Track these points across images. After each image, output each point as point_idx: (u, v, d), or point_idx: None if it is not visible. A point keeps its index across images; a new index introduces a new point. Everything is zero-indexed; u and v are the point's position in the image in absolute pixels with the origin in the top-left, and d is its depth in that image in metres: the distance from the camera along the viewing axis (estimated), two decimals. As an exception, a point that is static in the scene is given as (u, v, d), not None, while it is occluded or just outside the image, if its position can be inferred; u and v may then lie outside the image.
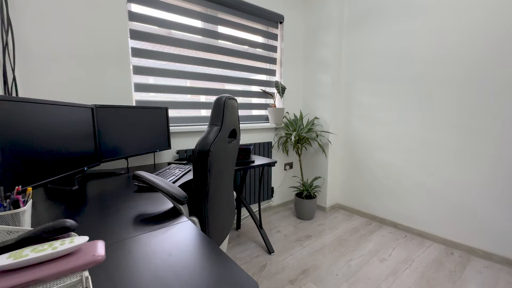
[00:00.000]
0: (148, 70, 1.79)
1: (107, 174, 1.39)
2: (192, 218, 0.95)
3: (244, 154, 1.80)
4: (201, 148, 0.90)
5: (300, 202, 2.41)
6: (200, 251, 0.61)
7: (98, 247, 0.42)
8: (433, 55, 1.94)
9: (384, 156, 2.32)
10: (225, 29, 2.20)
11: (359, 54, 2.43)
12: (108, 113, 1.34)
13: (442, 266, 1.70)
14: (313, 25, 2.61)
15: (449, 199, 1.94)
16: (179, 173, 1.33)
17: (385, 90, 2.26)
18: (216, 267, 0.55)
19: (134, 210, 0.88)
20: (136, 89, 1.74)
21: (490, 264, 1.72)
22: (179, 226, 0.76)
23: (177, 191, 0.87)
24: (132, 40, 1.68)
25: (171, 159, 1.93)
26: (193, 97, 2.17)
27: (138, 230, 0.73)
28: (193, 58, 2.01)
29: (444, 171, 1.95)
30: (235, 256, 1.83)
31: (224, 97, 1.01)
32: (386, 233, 2.18)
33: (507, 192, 1.67)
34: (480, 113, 1.75)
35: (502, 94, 1.65)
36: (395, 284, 1.53)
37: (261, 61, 2.46)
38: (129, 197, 1.03)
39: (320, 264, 1.73)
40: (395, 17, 2.13)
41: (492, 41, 1.67)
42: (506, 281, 1.55)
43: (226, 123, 1.01)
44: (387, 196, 2.32)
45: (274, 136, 2.61)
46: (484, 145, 1.75)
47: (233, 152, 1.18)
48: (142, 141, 1.55)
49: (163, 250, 0.61)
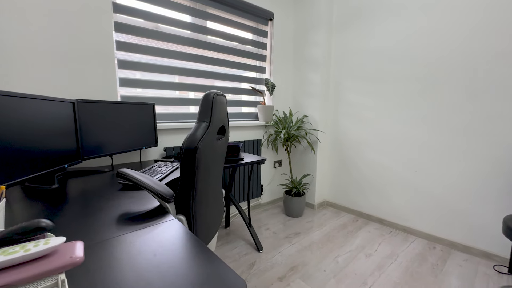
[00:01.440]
0: (134, 65, 1.73)
1: (90, 172, 1.33)
2: (179, 216, 0.93)
3: (233, 151, 1.78)
4: (188, 145, 0.88)
5: (289, 199, 2.42)
6: (187, 250, 0.59)
7: (76, 248, 0.40)
8: (418, 55, 1.99)
9: (371, 154, 2.36)
10: (214, 25, 2.16)
11: (347, 54, 2.46)
12: (90, 109, 1.29)
13: (425, 260, 1.76)
14: (302, 24, 2.62)
15: (432, 195, 2.00)
16: (166, 171, 1.30)
17: (372, 89, 2.30)
18: (204, 266, 0.53)
19: (118, 209, 0.85)
20: (121, 84, 1.68)
21: (469, 257, 1.80)
22: (165, 225, 0.73)
23: (164, 189, 0.84)
24: (116, 33, 1.62)
25: (158, 157, 1.89)
26: (181, 93, 2.12)
27: (122, 229, 0.70)
28: (182, 53, 1.96)
29: (427, 168, 2.01)
30: (224, 254, 1.82)
31: (213, 93, 0.99)
32: (372, 229, 2.24)
33: (485, 188, 1.75)
34: (460, 112, 1.81)
35: (481, 93, 1.72)
36: (380, 279, 1.56)
37: (251, 58, 2.44)
38: (113, 196, 0.99)
39: (309, 261, 1.74)
40: (382, 18, 2.17)
41: (475, 43, 1.73)
42: (483, 273, 1.63)
43: (215, 120, 0.99)
44: (374, 193, 2.37)
45: (263, 134, 2.60)
46: (464, 144, 1.82)
47: (221, 149, 1.16)
48: (128, 138, 1.50)
49: (148, 249, 0.59)
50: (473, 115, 1.77)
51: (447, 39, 1.84)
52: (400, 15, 2.07)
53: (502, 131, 1.66)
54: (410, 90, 2.06)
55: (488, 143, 1.72)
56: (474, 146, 1.77)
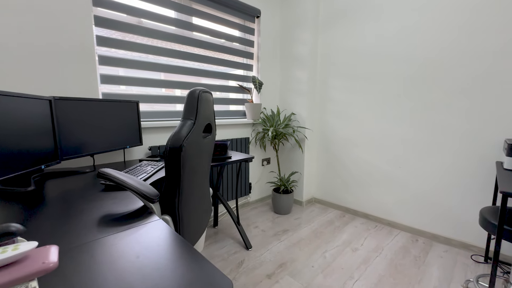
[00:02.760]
0: (116, 61, 1.67)
1: (70, 173, 1.27)
2: (165, 217, 0.91)
3: (221, 149, 1.76)
4: (173, 143, 0.85)
5: (278, 197, 2.44)
6: (172, 251, 0.57)
7: (50, 253, 0.37)
8: (400, 55, 2.04)
9: (357, 151, 2.41)
10: (200, 21, 2.12)
11: (333, 52, 2.49)
12: (69, 106, 1.23)
13: (408, 253, 1.82)
14: (289, 21, 2.62)
15: (415, 190, 2.07)
16: (151, 170, 1.27)
17: (357, 87, 2.34)
18: (189, 267, 0.52)
19: (100, 211, 0.82)
20: (103, 81, 1.62)
21: (449, 249, 1.88)
22: (149, 225, 0.71)
23: (148, 188, 0.82)
24: (97, 28, 1.55)
25: (143, 156, 1.84)
26: (167, 91, 2.07)
27: (104, 231, 0.67)
28: (167, 50, 1.91)
29: (410, 164, 2.08)
30: (212, 253, 1.80)
31: (198, 90, 0.97)
32: (359, 224, 2.29)
33: (464, 182, 1.83)
34: (440, 110, 1.88)
35: (460, 93, 1.79)
36: (366, 272, 1.60)
37: (238, 55, 2.42)
38: (95, 197, 0.95)
39: (297, 257, 1.76)
40: (366, 18, 2.21)
41: (455, 43, 1.79)
42: (462, 263, 1.70)
43: (201, 117, 0.97)
44: (360, 189, 2.43)
45: (251, 132, 2.60)
46: (444, 140, 1.89)
47: (208, 147, 1.14)
48: (110, 137, 1.44)
49: (131, 251, 0.57)
50: (452, 113, 1.84)
51: (429, 39, 1.90)
52: (383, 16, 2.11)
53: (479, 129, 1.74)
54: (393, 89, 2.12)
55: (466, 140, 1.79)
56: (453, 142, 1.85)
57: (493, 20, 1.63)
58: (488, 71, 1.67)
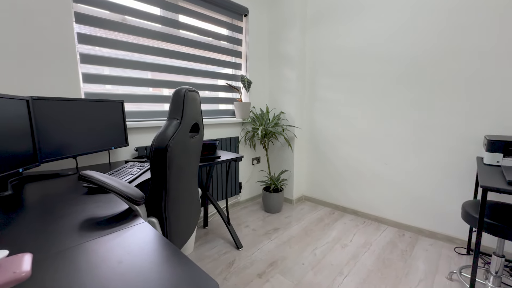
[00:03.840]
0: (100, 60, 1.61)
1: (50, 176, 1.22)
2: (151, 219, 0.88)
3: (210, 149, 1.74)
4: (158, 144, 0.83)
5: (268, 196, 2.44)
6: (157, 255, 0.56)
7: (22, 262, 0.35)
8: (387, 54, 2.08)
9: (345, 149, 2.45)
10: (187, 19, 2.08)
11: (321, 51, 2.51)
12: (48, 107, 1.18)
13: (395, 247, 1.87)
14: (277, 20, 2.62)
15: (401, 186, 2.12)
16: (137, 172, 1.23)
17: (345, 86, 2.37)
18: (174, 270, 0.50)
19: (82, 215, 0.79)
20: (86, 80, 1.56)
21: (434, 242, 1.94)
22: (134, 229, 0.69)
23: (132, 190, 0.80)
24: (77, 25, 1.49)
25: (130, 157, 1.79)
26: (155, 90, 2.03)
27: (85, 236, 0.65)
28: (153, 48, 1.87)
29: (396, 161, 2.13)
30: (203, 254, 1.78)
31: (184, 89, 0.95)
32: (348, 220, 2.32)
33: (447, 177, 1.89)
34: (425, 107, 1.94)
35: (443, 91, 1.85)
36: (355, 268, 1.63)
37: (226, 54, 2.40)
38: (77, 200, 0.91)
39: (287, 255, 1.77)
40: (353, 17, 2.24)
41: (438, 43, 1.84)
42: (446, 255, 1.76)
43: (187, 117, 0.95)
44: (348, 186, 2.47)
45: (241, 131, 2.58)
46: (428, 137, 1.94)
47: (196, 147, 1.12)
48: (94, 138, 1.40)
49: (113, 257, 0.55)
50: (436, 111, 1.90)
51: (414, 39, 1.94)
52: (369, 16, 2.15)
53: (461, 125, 1.80)
54: (380, 87, 2.16)
55: (449, 137, 1.85)
56: (437, 139, 1.91)
57: (475, 21, 1.68)
58: (469, 71, 1.73)
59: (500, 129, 1.66)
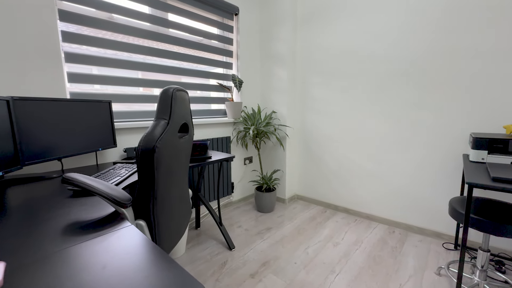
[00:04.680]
0: (86, 59, 1.57)
1: (34, 179, 1.18)
2: (139, 222, 0.86)
3: (201, 150, 1.72)
4: (145, 145, 0.81)
5: (260, 195, 2.43)
6: (142, 259, 0.54)
7: (-6, 271, 0.33)
8: (377, 53, 2.11)
9: (336, 147, 2.47)
10: (176, 18, 2.05)
11: (312, 50, 2.52)
12: (30, 107, 1.13)
13: (386, 244, 1.90)
14: (268, 19, 2.62)
15: (391, 184, 2.16)
16: (125, 173, 1.21)
17: (336, 85, 2.39)
18: (160, 274, 0.49)
19: (66, 219, 0.76)
20: (71, 80, 1.52)
21: (423, 238, 1.98)
22: (120, 232, 0.67)
23: (118, 193, 0.77)
24: (62, 23, 1.45)
25: (118, 158, 1.75)
26: (146, 90, 1.99)
27: (68, 241, 0.62)
28: (142, 47, 1.83)
29: (386, 159, 2.16)
30: (195, 255, 1.76)
31: (172, 88, 0.94)
32: (340, 218, 2.35)
33: (435, 175, 1.93)
34: (414, 106, 1.97)
35: (431, 89, 1.88)
36: (347, 265, 1.65)
37: (217, 53, 2.38)
38: (62, 204, 0.88)
39: (280, 255, 1.77)
40: (343, 17, 2.26)
41: (426, 44, 1.88)
42: (435, 251, 1.80)
43: (175, 117, 0.94)
44: (340, 185, 2.49)
45: (232, 131, 2.57)
46: (418, 135, 1.98)
47: (185, 148, 1.11)
48: (80, 139, 1.36)
49: (97, 262, 0.53)
50: (424, 109, 1.93)
51: (403, 39, 1.97)
52: (359, 15, 2.17)
53: (448, 124, 1.84)
54: (370, 86, 2.18)
55: (437, 135, 1.89)
56: (425, 137, 1.95)
57: (462, 22, 1.72)
58: (455, 70, 1.77)
59: (486, 127, 1.70)
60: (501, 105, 1.64)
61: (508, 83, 1.60)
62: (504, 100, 1.63)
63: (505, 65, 1.60)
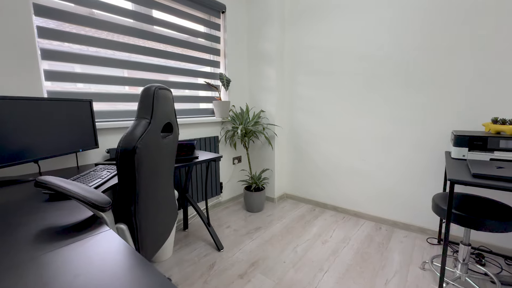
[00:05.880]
0: (65, 56, 1.50)
1: (7, 183, 1.12)
2: (120, 225, 0.83)
3: (187, 150, 1.69)
4: (125, 145, 0.78)
5: (249, 195, 2.42)
6: (120, 265, 0.52)
7: None
8: (364, 52, 2.14)
9: (324, 146, 2.49)
10: (161, 14, 2.00)
11: (300, 49, 2.53)
12: (3, 106, 1.07)
13: (373, 241, 1.93)
14: (255, 18, 2.60)
15: (378, 181, 2.20)
16: (107, 175, 1.16)
17: (324, 84, 2.41)
18: (137, 281, 0.47)
19: (40, 224, 0.72)
20: (48, 78, 1.45)
21: (408, 234, 2.03)
22: (97, 237, 0.64)
23: (97, 196, 0.74)
24: (38, 18, 1.38)
25: (101, 160, 1.69)
26: (132, 89, 1.93)
27: (40, 249, 0.59)
28: (126, 44, 1.77)
29: (373, 157, 2.20)
30: (182, 258, 1.73)
31: (154, 86, 0.90)
32: (328, 216, 2.37)
33: (419, 171, 1.98)
34: (399, 105, 2.01)
35: (416, 88, 1.93)
36: (335, 263, 1.66)
37: (204, 51, 2.34)
38: (36, 209, 0.84)
39: (269, 254, 1.76)
40: (331, 17, 2.27)
41: (410, 43, 1.92)
42: (419, 246, 1.85)
43: (158, 116, 0.91)
44: (328, 183, 2.51)
45: (220, 130, 2.54)
46: (403, 133, 2.02)
47: (170, 148, 1.08)
48: (58, 140, 1.30)
49: (69, 270, 0.50)
50: (409, 108, 1.97)
51: (387, 39, 2.01)
52: (345, 15, 2.19)
53: (431, 122, 1.89)
54: (357, 85, 2.21)
55: (421, 132, 1.94)
56: (410, 135, 1.99)
57: (442, 23, 1.77)
58: (438, 71, 1.82)
59: (467, 125, 1.76)
60: (481, 104, 1.70)
61: (487, 83, 1.66)
62: (483, 99, 1.68)
63: (484, 66, 1.65)
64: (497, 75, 1.62)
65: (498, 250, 1.73)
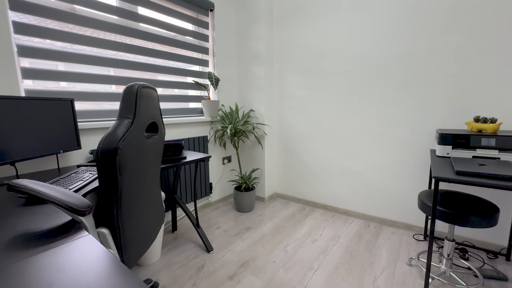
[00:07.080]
0: (46, 53, 1.43)
1: (-19, 186, 1.05)
2: (101, 230, 0.80)
3: (175, 150, 1.65)
4: (106, 145, 0.75)
5: (240, 195, 2.40)
6: (97, 272, 0.49)
7: None
8: (352, 53, 2.16)
9: (314, 145, 2.50)
10: (147, 11, 1.95)
11: (289, 48, 2.53)
12: (-25, 106, 1.01)
13: (362, 238, 1.95)
14: (244, 16, 2.58)
15: (366, 179, 2.23)
16: (89, 177, 1.12)
17: (313, 83, 2.42)
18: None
19: (13, 230, 0.68)
20: (26, 76, 1.38)
21: (395, 230, 2.06)
22: (75, 243, 0.61)
23: (75, 199, 0.70)
24: (13, 12, 1.31)
25: (84, 161, 1.63)
26: (119, 88, 1.88)
27: (11, 257, 0.55)
28: (111, 42, 1.71)
29: (361, 155, 2.23)
30: (171, 260, 1.69)
31: (137, 85, 0.87)
32: (318, 215, 2.38)
33: (406, 170, 2.02)
34: (386, 104, 2.04)
35: (402, 88, 1.96)
36: (325, 261, 1.67)
37: (192, 50, 2.30)
38: (9, 214, 0.79)
39: (259, 254, 1.75)
40: (320, 17, 2.28)
41: (396, 44, 1.95)
42: (406, 242, 1.88)
43: (141, 115, 0.88)
44: (318, 182, 2.53)
45: (210, 130, 2.51)
46: (390, 132, 2.06)
47: (155, 148, 1.05)
48: (37, 141, 1.24)
49: (43, 279, 0.47)
50: (396, 107, 2.01)
51: (375, 40, 2.03)
52: (333, 16, 2.20)
53: (417, 121, 1.93)
54: (346, 85, 2.23)
55: (407, 131, 1.98)
56: (397, 134, 2.03)
57: (427, 24, 1.81)
58: (424, 71, 1.86)
59: (451, 123, 1.81)
60: (464, 103, 1.74)
61: (469, 83, 1.71)
62: (465, 98, 1.73)
63: (468, 67, 1.70)
64: (480, 76, 1.67)
65: (480, 245, 1.79)
